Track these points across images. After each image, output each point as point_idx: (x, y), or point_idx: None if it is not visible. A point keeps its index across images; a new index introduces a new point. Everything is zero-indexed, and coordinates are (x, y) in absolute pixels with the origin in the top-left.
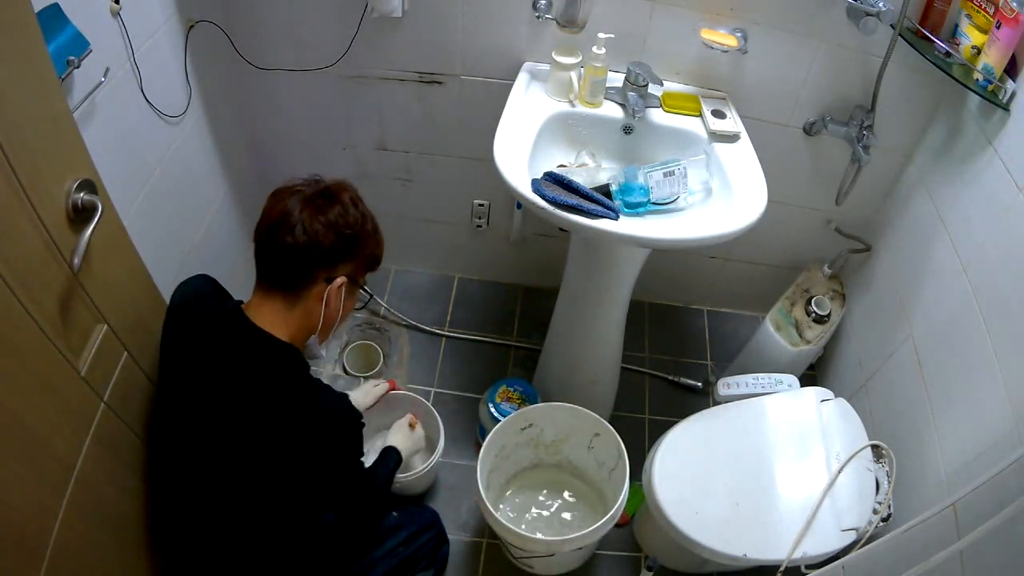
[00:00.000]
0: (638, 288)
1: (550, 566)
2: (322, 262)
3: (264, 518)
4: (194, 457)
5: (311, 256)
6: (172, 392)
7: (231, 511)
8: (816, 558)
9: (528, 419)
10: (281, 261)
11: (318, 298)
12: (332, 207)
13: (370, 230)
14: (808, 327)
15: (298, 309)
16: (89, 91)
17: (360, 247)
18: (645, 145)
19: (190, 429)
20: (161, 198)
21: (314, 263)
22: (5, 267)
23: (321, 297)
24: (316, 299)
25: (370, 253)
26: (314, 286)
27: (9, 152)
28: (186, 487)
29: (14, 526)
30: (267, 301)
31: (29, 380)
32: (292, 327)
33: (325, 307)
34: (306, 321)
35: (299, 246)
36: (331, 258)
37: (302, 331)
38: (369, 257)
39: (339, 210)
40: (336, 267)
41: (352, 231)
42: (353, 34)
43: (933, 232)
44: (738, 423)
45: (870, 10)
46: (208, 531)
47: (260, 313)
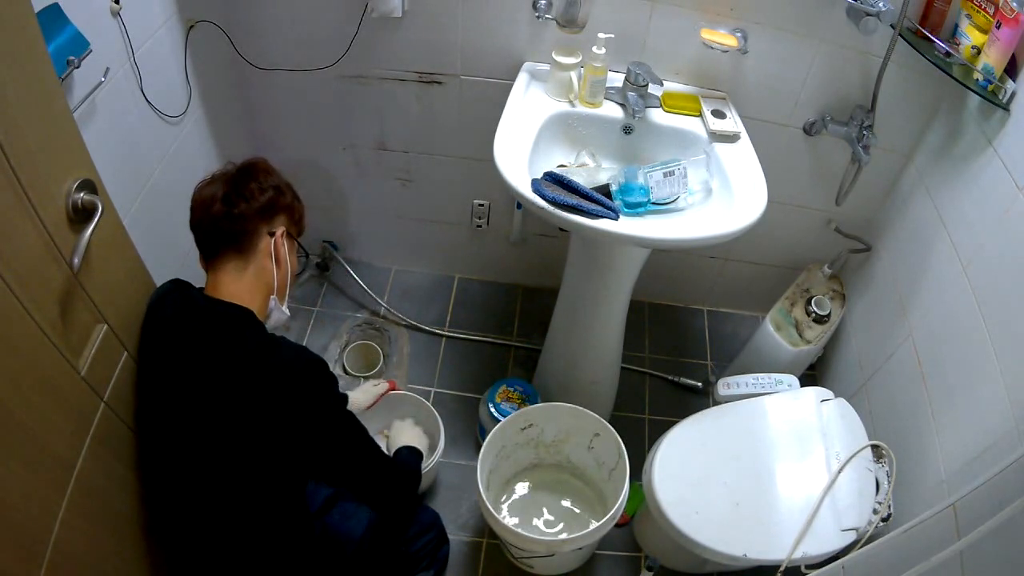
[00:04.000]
0: (638, 288)
1: (550, 566)
2: (260, 216)
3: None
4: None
5: (250, 213)
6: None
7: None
8: (816, 558)
9: (528, 419)
10: (222, 229)
11: (266, 253)
12: (252, 174)
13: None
14: (808, 327)
15: (251, 269)
16: (89, 91)
17: (288, 201)
18: (645, 145)
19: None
20: (161, 198)
21: (254, 218)
22: (5, 267)
23: (268, 251)
24: (264, 255)
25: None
26: (259, 241)
27: (9, 152)
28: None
29: (14, 526)
30: (220, 273)
31: (29, 380)
32: (250, 289)
33: (277, 258)
34: (261, 279)
35: (235, 208)
36: (267, 211)
37: (260, 292)
38: (297, 214)
39: (260, 174)
40: (273, 219)
41: (280, 186)
42: (353, 34)
43: (933, 232)
44: (738, 423)
45: (870, 10)
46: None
47: (217, 287)
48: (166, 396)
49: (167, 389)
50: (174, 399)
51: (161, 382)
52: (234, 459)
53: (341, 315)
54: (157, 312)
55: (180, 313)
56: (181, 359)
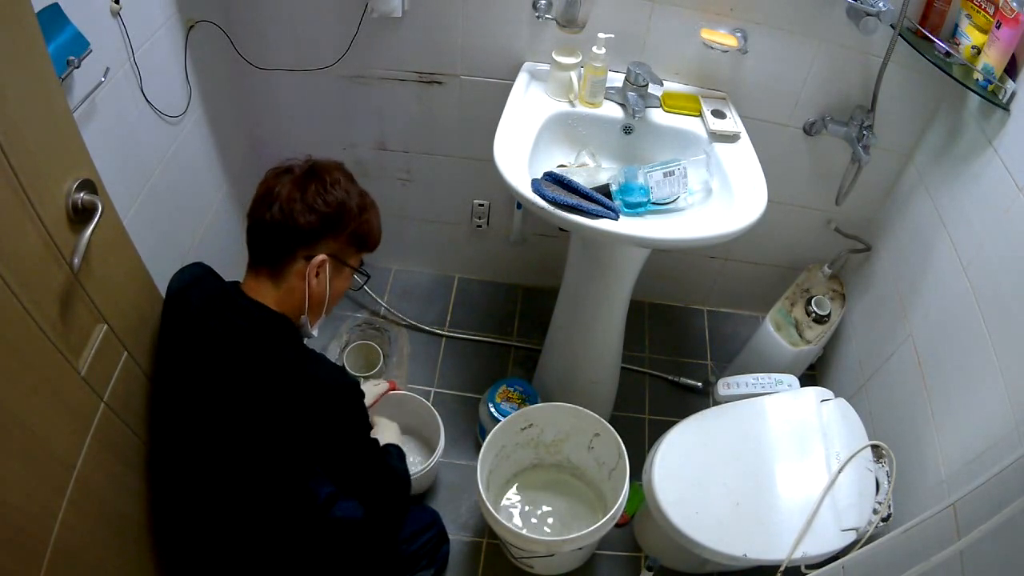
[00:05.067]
0: (638, 288)
1: (550, 566)
2: (299, 240)
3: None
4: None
5: (287, 232)
6: (170, 376)
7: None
8: (816, 558)
9: (528, 419)
10: (261, 237)
11: (300, 276)
12: (312, 184)
13: (354, 208)
14: (808, 327)
15: (283, 287)
16: (89, 91)
17: (341, 226)
18: (645, 145)
19: (188, 411)
20: (161, 198)
21: (291, 240)
22: (5, 267)
23: (303, 275)
24: (298, 277)
25: (354, 232)
26: (294, 264)
27: (9, 152)
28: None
29: (14, 526)
30: (256, 278)
31: (29, 380)
32: (281, 304)
33: (308, 285)
34: (292, 298)
35: (276, 222)
36: (308, 236)
37: (290, 309)
38: (353, 236)
39: (318, 187)
40: (315, 245)
41: (330, 209)
42: (353, 34)
43: (933, 232)
44: (738, 423)
45: (870, 10)
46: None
47: (252, 290)
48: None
49: (190, 381)
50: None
51: (185, 373)
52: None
53: (341, 315)
54: (181, 301)
55: (211, 308)
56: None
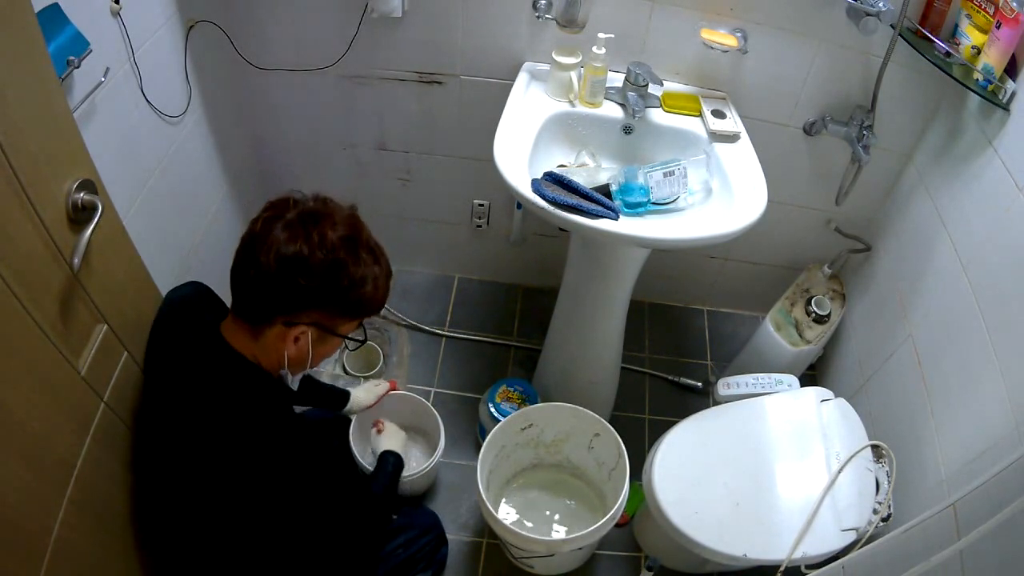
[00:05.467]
0: (638, 288)
1: (550, 566)
2: (277, 306)
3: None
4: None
5: (265, 296)
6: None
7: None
8: (816, 558)
9: (528, 419)
10: (239, 291)
11: (279, 337)
12: (299, 242)
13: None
14: (808, 327)
15: (261, 342)
16: (89, 91)
17: (328, 297)
18: (645, 145)
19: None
20: (161, 198)
21: (270, 304)
22: (5, 267)
23: (283, 338)
24: (277, 338)
25: (346, 303)
26: (272, 326)
27: (9, 152)
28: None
29: (14, 526)
30: (235, 323)
31: (29, 380)
32: (258, 356)
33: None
34: (269, 355)
35: (253, 280)
36: (287, 305)
37: (268, 363)
38: (346, 307)
39: (303, 249)
40: (295, 315)
41: (312, 280)
42: (353, 34)
43: (933, 232)
44: (738, 423)
45: (870, 10)
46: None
47: (230, 333)
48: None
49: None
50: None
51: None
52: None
53: None
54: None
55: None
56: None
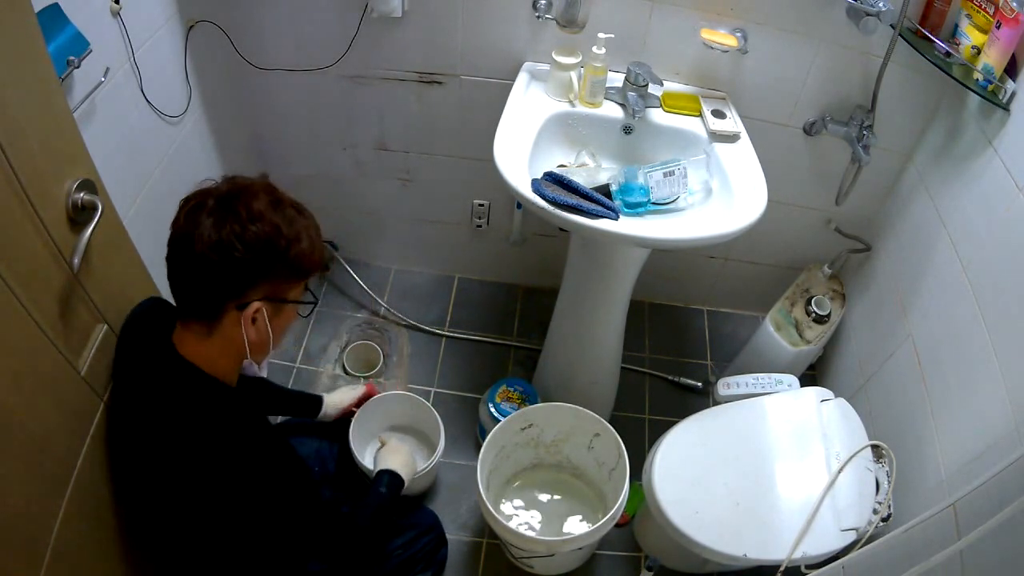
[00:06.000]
0: (638, 288)
1: (550, 566)
2: (225, 291)
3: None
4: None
5: (209, 284)
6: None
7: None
8: (816, 558)
9: (528, 419)
10: (182, 289)
11: (235, 324)
12: (228, 221)
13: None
14: (808, 327)
15: (216, 338)
16: (89, 91)
17: (271, 265)
18: (645, 145)
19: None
20: (161, 198)
21: (216, 292)
22: (5, 267)
23: (238, 324)
24: (233, 325)
25: (287, 266)
26: (225, 315)
27: (9, 152)
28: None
29: (14, 526)
30: (186, 330)
31: (29, 380)
32: (216, 356)
33: (246, 335)
34: (229, 348)
35: (193, 273)
36: (233, 285)
37: (229, 359)
38: (287, 270)
39: (235, 228)
40: (245, 293)
41: (254, 250)
42: (353, 34)
43: (933, 232)
44: (738, 423)
45: (870, 10)
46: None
47: (184, 341)
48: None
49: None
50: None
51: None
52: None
53: (341, 315)
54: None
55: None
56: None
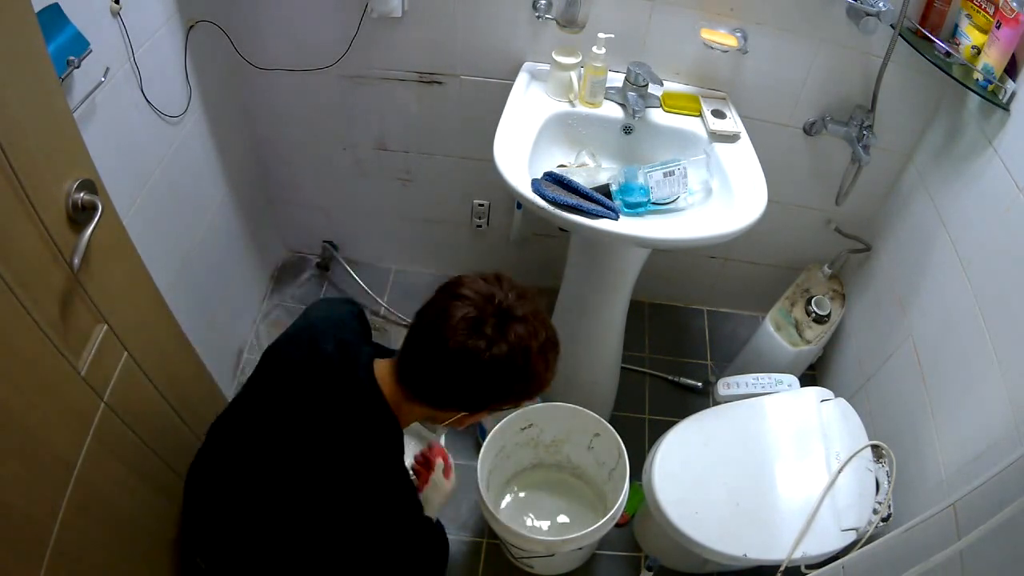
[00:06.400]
0: (638, 288)
1: (550, 566)
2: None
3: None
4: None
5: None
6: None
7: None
8: (816, 558)
9: (528, 419)
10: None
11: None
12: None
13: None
14: (808, 327)
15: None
16: (89, 91)
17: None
18: (645, 145)
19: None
20: (161, 198)
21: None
22: (5, 267)
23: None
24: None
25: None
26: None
27: (9, 152)
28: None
29: (14, 526)
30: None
31: (29, 380)
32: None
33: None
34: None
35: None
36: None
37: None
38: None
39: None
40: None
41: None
42: (353, 34)
43: (933, 232)
44: (738, 423)
45: (870, 10)
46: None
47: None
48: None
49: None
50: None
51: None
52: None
53: None
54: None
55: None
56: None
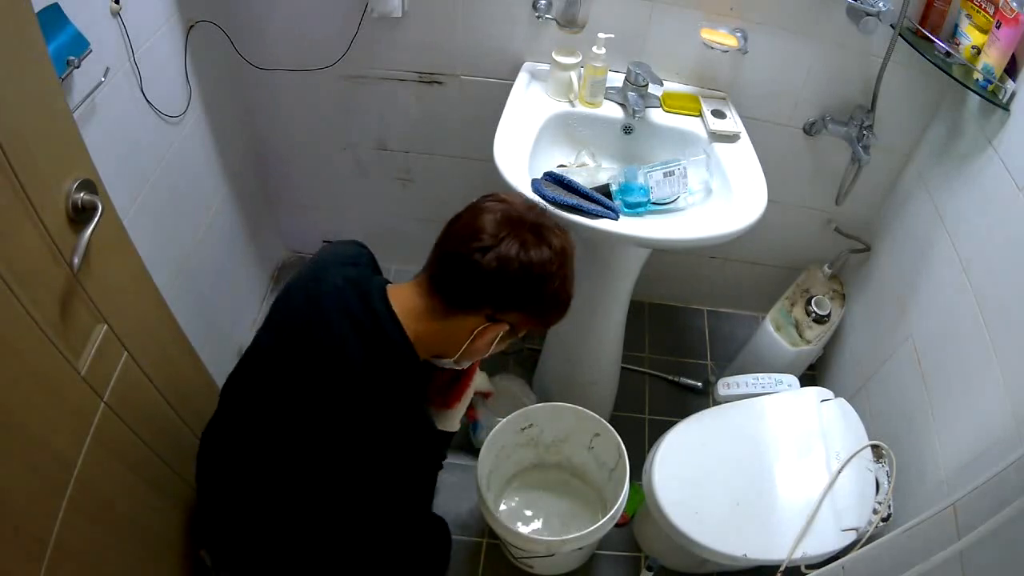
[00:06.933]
0: (638, 288)
1: (550, 566)
2: (495, 300)
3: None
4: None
5: (488, 288)
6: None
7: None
8: (816, 558)
9: (528, 419)
10: (455, 274)
11: (471, 326)
12: (539, 247)
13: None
14: (808, 327)
15: (446, 325)
16: (89, 91)
17: (542, 304)
18: (645, 145)
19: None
20: (161, 198)
21: (488, 297)
22: (5, 267)
23: (474, 327)
24: (468, 327)
25: (548, 314)
26: (473, 315)
27: (9, 152)
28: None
29: (14, 526)
30: (420, 297)
31: (29, 380)
32: (430, 334)
33: (472, 341)
34: (445, 339)
35: (482, 271)
36: (506, 301)
37: (436, 345)
38: (545, 317)
39: (544, 254)
40: (506, 311)
41: (542, 285)
42: (353, 34)
43: (933, 232)
44: (738, 423)
45: (870, 10)
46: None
47: (401, 299)
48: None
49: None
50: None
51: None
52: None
53: None
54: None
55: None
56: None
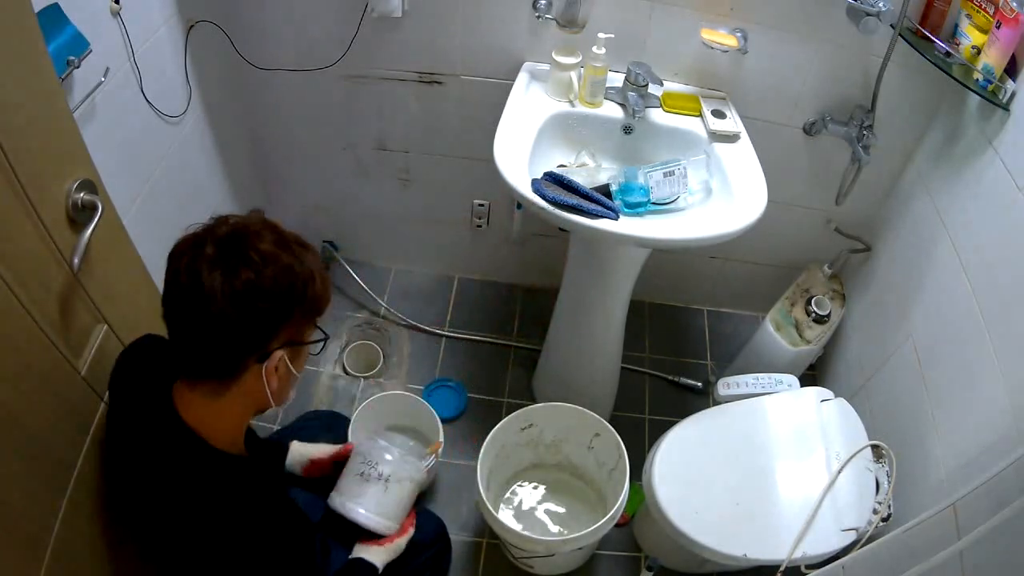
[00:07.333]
0: (638, 288)
1: (550, 566)
2: (247, 347)
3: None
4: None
5: (230, 344)
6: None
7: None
8: (816, 558)
9: (528, 419)
10: (194, 350)
11: (256, 378)
12: (240, 272)
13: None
14: (808, 327)
15: (232, 395)
16: (89, 91)
17: (290, 309)
18: (645, 145)
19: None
20: (161, 198)
21: (238, 350)
22: (5, 267)
23: (259, 377)
24: (255, 379)
25: (308, 307)
26: (245, 371)
27: (9, 152)
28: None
29: (14, 526)
30: (193, 390)
31: (29, 380)
32: (229, 416)
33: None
34: (246, 403)
35: (210, 334)
36: (256, 339)
37: (245, 415)
38: (308, 311)
39: (249, 276)
40: (267, 345)
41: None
42: (353, 34)
43: (933, 232)
44: (738, 423)
45: (870, 10)
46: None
47: (189, 405)
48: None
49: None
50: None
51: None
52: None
53: (341, 315)
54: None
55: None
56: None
